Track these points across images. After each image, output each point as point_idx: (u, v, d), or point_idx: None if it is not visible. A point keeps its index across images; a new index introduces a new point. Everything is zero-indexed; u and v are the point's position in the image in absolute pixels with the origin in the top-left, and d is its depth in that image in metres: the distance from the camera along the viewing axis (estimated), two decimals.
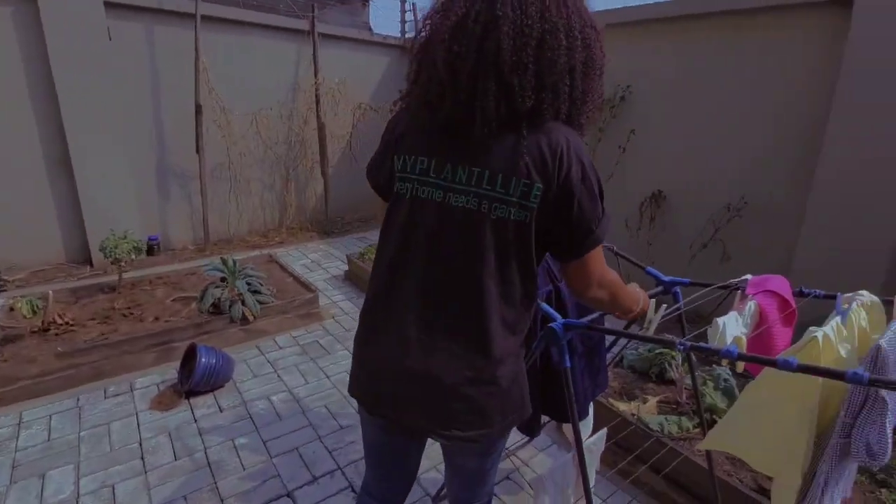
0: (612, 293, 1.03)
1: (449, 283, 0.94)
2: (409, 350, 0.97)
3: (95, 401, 2.39)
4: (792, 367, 0.85)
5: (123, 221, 3.87)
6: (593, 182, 0.91)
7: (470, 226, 0.91)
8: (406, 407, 1.00)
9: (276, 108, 4.81)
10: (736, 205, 3.03)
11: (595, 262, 0.97)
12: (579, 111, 0.93)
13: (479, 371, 0.95)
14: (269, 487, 1.88)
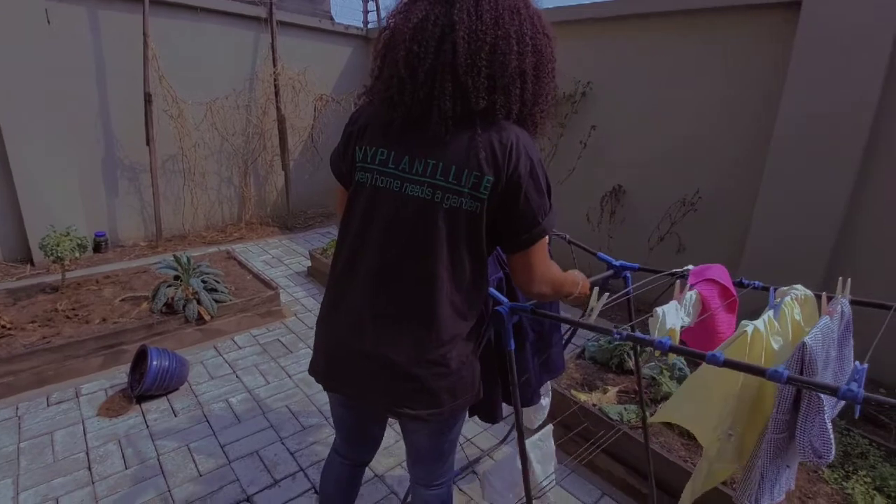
0: (554, 288, 1.08)
1: (402, 269, 0.99)
2: (362, 331, 1.03)
3: (37, 409, 2.24)
4: (719, 362, 0.89)
5: (66, 217, 3.64)
6: (541, 177, 0.96)
7: (424, 215, 0.96)
8: (359, 385, 1.08)
9: (233, 97, 4.63)
10: (691, 199, 3.14)
11: (538, 256, 1.01)
12: (530, 112, 0.98)
13: (428, 352, 1.01)
14: (227, 493, 1.82)
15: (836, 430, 1.95)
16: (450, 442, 1.21)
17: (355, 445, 1.33)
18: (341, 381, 1.11)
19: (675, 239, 3.23)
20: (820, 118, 2.47)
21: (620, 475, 1.91)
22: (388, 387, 1.04)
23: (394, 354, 1.01)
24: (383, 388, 1.05)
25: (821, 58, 2.44)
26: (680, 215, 3.17)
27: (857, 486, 1.70)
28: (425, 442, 1.19)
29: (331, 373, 1.12)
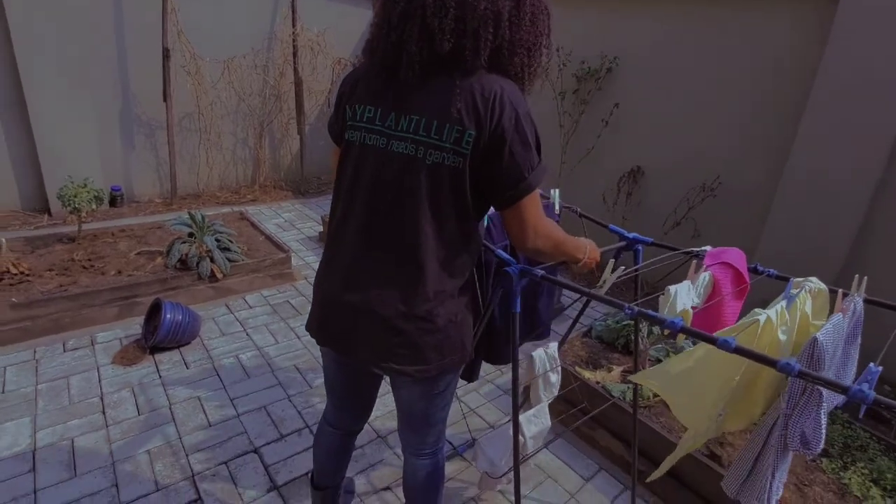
0: (553, 242, 1.05)
1: (388, 226, 1.00)
2: (351, 286, 1.06)
3: (53, 354, 2.31)
4: (730, 348, 0.88)
5: (83, 170, 3.66)
6: (527, 130, 0.92)
7: (408, 171, 0.96)
8: (348, 339, 1.09)
9: (251, 56, 4.56)
10: (711, 184, 3.07)
11: (529, 211, 0.98)
12: (507, 61, 0.94)
13: (414, 308, 1.02)
14: (235, 443, 1.88)
15: (839, 422, 1.95)
16: (438, 406, 1.21)
17: (346, 411, 1.34)
18: (332, 335, 1.13)
19: (691, 224, 3.19)
20: (852, 104, 2.38)
21: (619, 452, 1.94)
22: (375, 341, 1.05)
23: (380, 308, 1.03)
24: (371, 341, 1.06)
25: (860, 37, 2.33)
26: (698, 200, 3.11)
27: (854, 476, 1.71)
28: (415, 402, 1.19)
29: (323, 326, 1.14)
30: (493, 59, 0.93)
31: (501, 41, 0.92)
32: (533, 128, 0.94)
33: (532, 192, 0.96)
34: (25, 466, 1.71)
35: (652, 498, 1.79)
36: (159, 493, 1.64)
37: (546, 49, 1.00)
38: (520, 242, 1.03)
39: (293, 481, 1.73)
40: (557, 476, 1.87)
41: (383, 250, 1.02)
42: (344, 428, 1.36)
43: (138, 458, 1.78)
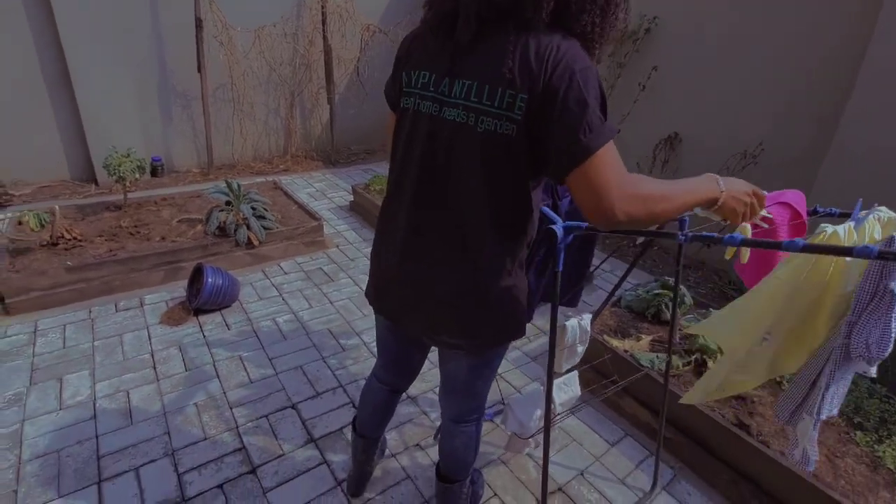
0: (649, 201, 0.83)
1: (440, 196, 0.97)
2: (405, 258, 1.05)
3: (107, 314, 2.48)
4: (798, 247, 0.82)
5: (126, 141, 3.81)
6: (584, 88, 0.81)
7: (460, 139, 0.92)
8: (402, 310, 1.11)
9: (281, 25, 4.56)
10: (753, 151, 2.94)
11: (594, 178, 0.81)
12: (574, 19, 0.85)
13: (465, 281, 1.00)
14: (274, 399, 1.99)
15: (877, 396, 1.90)
16: (484, 378, 1.22)
17: (394, 372, 1.37)
18: (387, 306, 1.15)
19: None
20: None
21: (646, 419, 1.95)
22: (429, 314, 1.06)
23: (433, 282, 1.03)
24: (424, 315, 1.07)
25: None
26: (739, 168, 2.98)
27: (888, 450, 1.67)
28: (460, 373, 1.20)
29: (380, 296, 1.15)
30: (558, 15, 0.85)
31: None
32: (595, 87, 0.83)
33: (591, 156, 0.81)
34: (87, 414, 1.86)
35: (678, 464, 1.81)
36: (207, 442, 1.77)
37: (624, 9, 0.90)
38: (597, 217, 0.83)
39: (329, 435, 1.83)
40: (583, 440, 1.90)
41: (435, 224, 0.99)
42: (391, 385, 1.41)
43: (187, 409, 1.91)
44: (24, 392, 1.95)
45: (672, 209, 0.86)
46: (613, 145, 0.83)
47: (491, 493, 1.65)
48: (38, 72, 3.70)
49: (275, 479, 1.64)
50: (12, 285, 2.39)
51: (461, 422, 1.31)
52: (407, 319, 1.12)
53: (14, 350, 2.18)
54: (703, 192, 0.91)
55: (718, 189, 0.92)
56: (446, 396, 1.30)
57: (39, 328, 2.33)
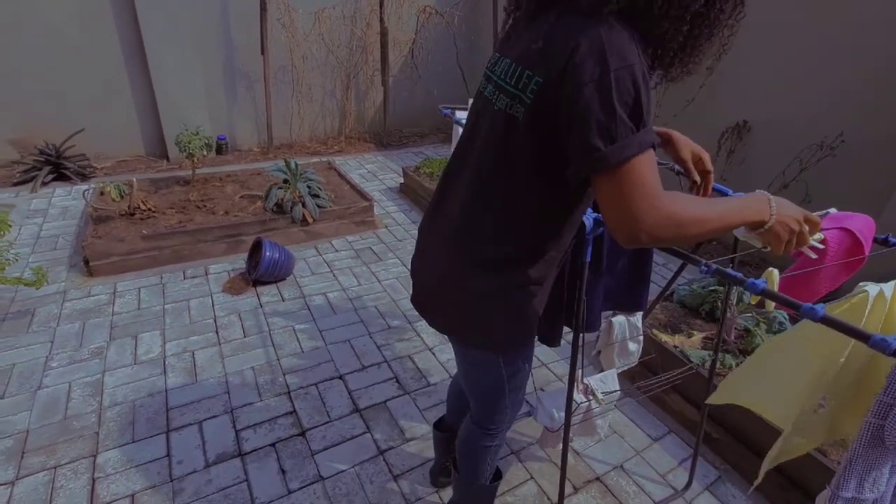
0: (679, 229, 0.74)
1: (455, 185, 0.97)
2: (419, 247, 1.08)
3: (176, 280, 2.68)
4: (816, 316, 0.74)
5: (194, 119, 4.04)
6: (613, 90, 0.70)
7: (484, 117, 0.89)
8: (423, 306, 1.10)
9: (340, 7, 4.64)
10: (831, 143, 2.71)
11: (622, 190, 0.72)
12: (653, 22, 0.74)
13: (449, 273, 0.98)
14: (323, 369, 2.10)
15: None
16: (472, 379, 1.14)
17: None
18: (416, 303, 1.13)
19: (802, 188, 2.86)
20: None
21: (692, 417, 1.90)
22: (438, 307, 1.06)
23: (430, 272, 1.04)
24: (434, 306, 1.07)
25: None
26: (813, 161, 2.77)
27: None
28: (468, 372, 1.15)
29: (414, 292, 1.13)
30: (631, 13, 0.74)
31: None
32: (629, 90, 0.71)
33: (611, 169, 0.72)
34: (158, 370, 2.04)
35: (723, 465, 1.76)
36: (262, 403, 1.90)
37: (728, 24, 0.78)
38: (620, 235, 0.75)
39: (373, 406, 1.91)
40: (624, 433, 1.88)
41: (446, 208, 0.98)
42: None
43: (245, 372, 2.05)
44: (105, 346, 2.16)
45: (705, 232, 0.77)
46: (647, 159, 0.72)
47: (527, 476, 1.68)
48: (119, 53, 3.98)
49: (322, 443, 1.74)
50: (96, 250, 2.63)
51: (480, 425, 1.24)
52: (427, 313, 1.11)
53: (97, 308, 2.41)
54: (750, 213, 0.81)
55: (769, 211, 0.81)
56: (465, 397, 1.30)
57: (118, 290, 2.56)
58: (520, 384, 1.15)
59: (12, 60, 3.69)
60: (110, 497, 1.52)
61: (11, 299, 2.43)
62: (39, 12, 3.66)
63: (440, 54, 5.28)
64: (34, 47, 3.72)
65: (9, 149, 3.91)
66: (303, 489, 1.57)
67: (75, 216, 3.31)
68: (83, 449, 1.68)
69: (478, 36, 5.36)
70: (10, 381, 1.94)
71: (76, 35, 3.80)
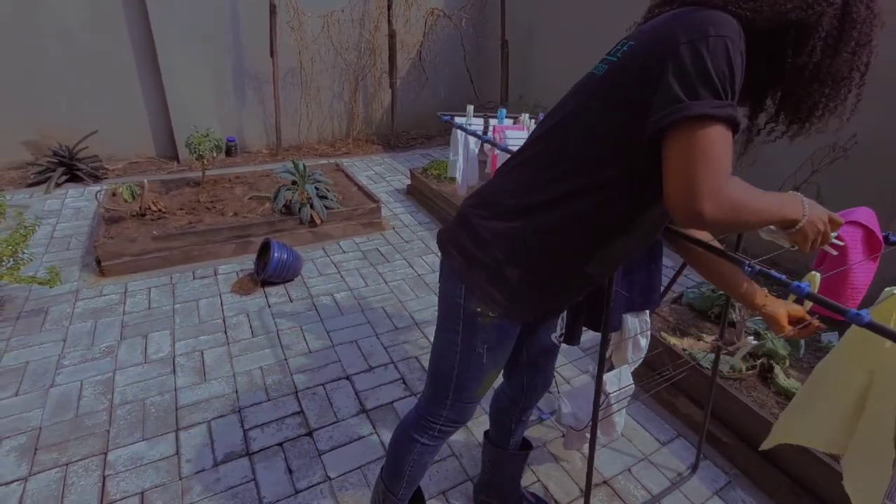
0: (739, 209, 0.73)
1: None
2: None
3: (186, 280, 2.70)
4: (862, 322, 0.75)
5: (204, 121, 4.08)
6: (708, 52, 0.70)
7: (571, 90, 0.93)
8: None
9: (349, 10, 4.67)
10: (844, 143, 2.68)
11: (696, 153, 0.69)
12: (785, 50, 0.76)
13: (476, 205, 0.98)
14: (330, 369, 2.11)
15: None
16: (446, 331, 1.03)
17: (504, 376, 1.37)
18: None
19: (813, 189, 2.83)
20: None
21: (700, 420, 1.88)
22: (451, 225, 1.04)
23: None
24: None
25: None
26: (826, 162, 2.74)
27: None
28: (438, 309, 1.08)
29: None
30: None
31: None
32: (725, 58, 0.70)
33: (688, 120, 0.69)
34: (168, 369, 2.06)
35: (732, 470, 1.74)
36: (270, 403, 1.91)
37: (856, 85, 0.80)
38: (681, 209, 0.72)
39: (380, 407, 1.92)
40: (632, 437, 1.87)
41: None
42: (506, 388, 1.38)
43: (253, 372, 2.06)
44: (116, 345, 2.18)
45: (756, 221, 0.79)
46: (725, 133, 0.71)
47: (534, 479, 1.67)
48: (132, 57, 4.03)
49: (329, 443, 1.75)
50: (107, 250, 2.67)
51: (418, 404, 1.19)
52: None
53: (108, 307, 2.44)
54: (788, 210, 0.82)
55: (802, 212, 0.83)
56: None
57: (129, 290, 2.59)
58: (469, 375, 1.05)
59: (27, 64, 3.75)
60: (120, 494, 1.54)
61: (25, 298, 2.47)
62: (54, 17, 3.72)
63: (448, 57, 5.30)
64: (49, 51, 3.78)
65: (23, 150, 3.98)
66: (310, 489, 1.58)
67: (87, 217, 3.35)
68: (94, 446, 1.70)
69: (485, 38, 5.37)
70: (23, 378, 1.97)
71: (90, 39, 3.86)
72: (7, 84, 3.74)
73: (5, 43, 3.65)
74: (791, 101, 0.82)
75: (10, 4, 3.58)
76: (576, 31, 4.41)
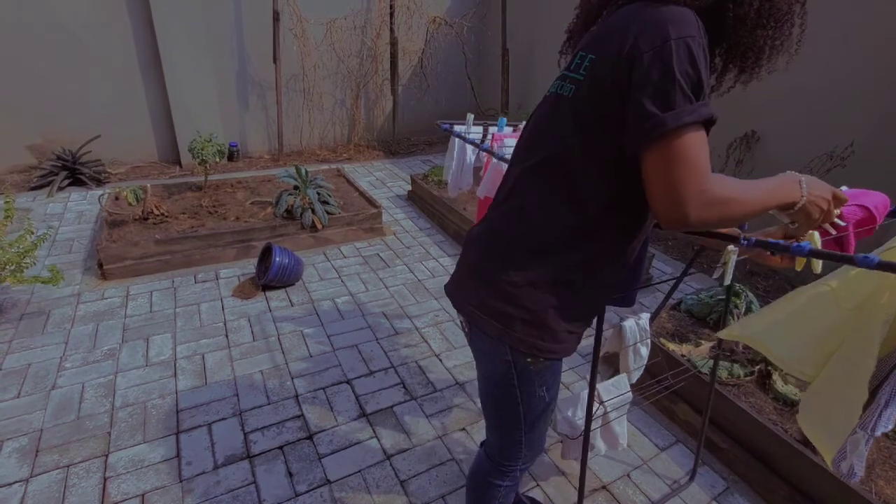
0: (723, 208, 0.73)
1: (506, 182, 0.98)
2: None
3: (187, 284, 2.72)
4: (872, 264, 0.75)
5: (206, 126, 4.11)
6: (674, 58, 0.70)
7: (536, 112, 0.93)
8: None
9: (351, 17, 4.72)
10: (841, 153, 2.71)
11: (676, 162, 0.70)
12: (746, 31, 0.78)
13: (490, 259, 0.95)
14: (331, 374, 2.11)
15: None
16: (502, 388, 0.99)
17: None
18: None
19: None
20: None
21: (699, 427, 1.89)
22: (464, 283, 1.00)
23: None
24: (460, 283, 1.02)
25: None
26: (823, 171, 2.77)
27: None
28: (477, 366, 1.06)
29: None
30: (713, 17, 0.77)
31: None
32: (690, 60, 0.70)
33: (667, 134, 0.70)
34: (169, 372, 2.07)
35: (731, 476, 1.75)
36: (270, 406, 1.92)
37: (797, 17, 0.80)
38: (666, 218, 0.74)
39: (380, 411, 1.92)
40: (631, 442, 1.87)
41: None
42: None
43: (254, 376, 2.07)
44: (117, 348, 2.19)
45: (746, 213, 0.77)
46: (701, 135, 0.72)
47: (533, 484, 1.68)
48: (136, 62, 4.07)
49: (329, 447, 1.75)
50: (110, 253, 2.68)
51: (489, 452, 1.14)
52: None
53: (110, 311, 2.45)
54: (783, 194, 0.81)
55: (800, 192, 0.82)
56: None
57: (131, 293, 2.60)
58: (536, 416, 1.03)
59: (32, 69, 3.79)
60: (121, 496, 1.54)
61: (27, 301, 2.48)
62: (59, 22, 3.76)
63: (449, 64, 5.34)
64: (53, 56, 3.82)
65: (27, 154, 4.00)
66: (310, 492, 1.59)
67: (90, 220, 3.37)
68: (95, 448, 1.70)
69: (486, 46, 5.42)
70: (25, 380, 1.98)
71: (94, 44, 3.90)
72: (12, 89, 3.77)
73: (11, 48, 3.68)
74: (738, 52, 0.82)
75: (16, 9, 3.61)
76: None
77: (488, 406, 1.08)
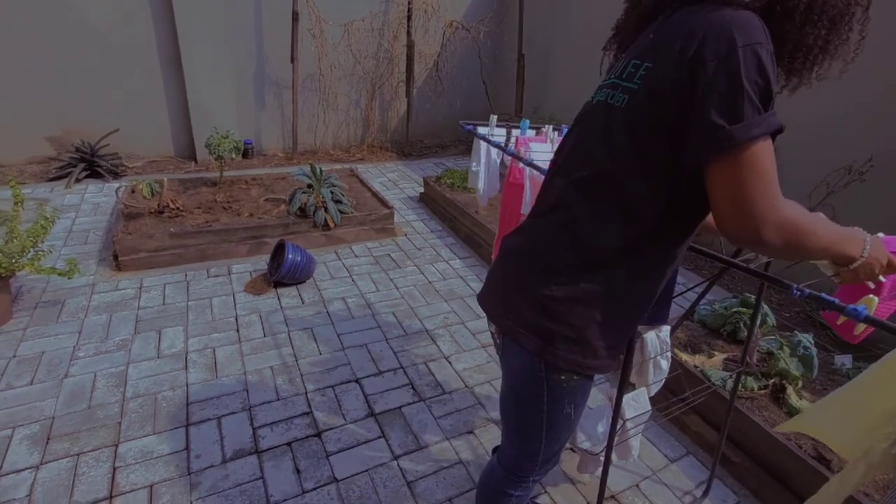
0: (786, 235, 0.70)
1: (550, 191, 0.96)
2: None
3: (200, 278, 2.74)
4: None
5: (223, 123, 4.16)
6: (743, 68, 0.66)
7: (585, 121, 0.90)
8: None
9: (369, 19, 4.76)
10: (860, 167, 2.67)
11: (746, 175, 0.67)
12: (796, 28, 0.73)
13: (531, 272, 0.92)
14: (340, 372, 2.11)
15: None
16: (530, 402, 0.96)
17: None
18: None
19: (828, 212, 2.81)
20: None
21: (712, 440, 1.86)
22: (501, 295, 0.97)
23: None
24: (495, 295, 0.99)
25: None
26: (841, 185, 2.73)
27: None
28: (504, 376, 1.03)
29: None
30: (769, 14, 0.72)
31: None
32: (759, 68, 0.67)
33: (735, 147, 0.67)
34: (180, 365, 2.08)
35: (742, 490, 1.72)
36: (279, 402, 1.92)
37: (857, 21, 0.76)
38: (737, 231, 0.71)
39: (388, 412, 1.92)
40: (641, 453, 1.84)
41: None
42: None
43: (264, 371, 2.08)
44: (130, 339, 2.21)
45: (813, 247, 0.73)
46: (770, 146, 0.69)
47: (541, 490, 1.66)
48: (157, 60, 4.13)
49: (337, 445, 1.75)
50: (125, 245, 2.71)
51: (504, 463, 1.12)
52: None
53: (123, 302, 2.47)
54: (848, 247, 0.78)
55: (861, 252, 0.79)
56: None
57: (144, 285, 2.63)
58: (559, 432, 1.01)
59: (55, 63, 3.85)
60: (129, 486, 1.55)
61: (43, 290, 2.51)
62: (82, 18, 3.83)
63: (464, 68, 5.36)
64: (77, 52, 3.88)
65: (46, 146, 4.07)
66: (317, 489, 1.58)
67: (106, 212, 3.41)
68: (105, 438, 1.71)
69: (502, 52, 5.43)
70: (38, 368, 2.00)
71: (117, 41, 3.97)
72: (34, 82, 3.84)
73: (35, 42, 3.75)
74: (785, 51, 0.77)
75: (40, 5, 3.68)
76: (592, 45, 4.45)
77: (509, 417, 1.06)
